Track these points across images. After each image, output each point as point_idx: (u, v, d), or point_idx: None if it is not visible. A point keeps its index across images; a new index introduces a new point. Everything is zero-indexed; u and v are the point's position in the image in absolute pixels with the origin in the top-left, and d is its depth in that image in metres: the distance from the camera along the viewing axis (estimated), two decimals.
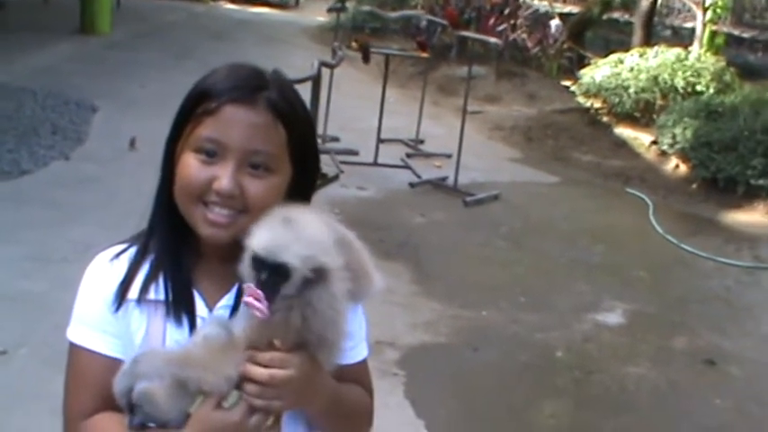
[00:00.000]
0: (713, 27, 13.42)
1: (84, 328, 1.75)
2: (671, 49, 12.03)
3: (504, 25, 14.74)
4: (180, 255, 1.75)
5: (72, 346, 1.76)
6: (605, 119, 11.86)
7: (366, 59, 9.77)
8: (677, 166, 10.09)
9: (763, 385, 5.64)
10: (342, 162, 8.86)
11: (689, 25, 17.66)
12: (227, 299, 1.74)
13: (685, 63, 11.60)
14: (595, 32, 17.27)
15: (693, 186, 9.58)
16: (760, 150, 9.15)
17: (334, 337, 1.62)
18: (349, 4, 13.44)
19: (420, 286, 6.36)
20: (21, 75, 11.17)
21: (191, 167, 1.67)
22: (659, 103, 11.30)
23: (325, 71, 8.25)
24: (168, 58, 13.54)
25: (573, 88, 12.78)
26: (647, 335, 6.11)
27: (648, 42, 13.59)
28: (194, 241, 1.74)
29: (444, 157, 9.79)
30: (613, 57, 12.38)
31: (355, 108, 10.73)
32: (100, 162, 8.30)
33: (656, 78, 11.34)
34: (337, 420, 1.81)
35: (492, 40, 10.63)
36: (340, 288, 1.60)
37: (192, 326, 1.71)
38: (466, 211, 8.35)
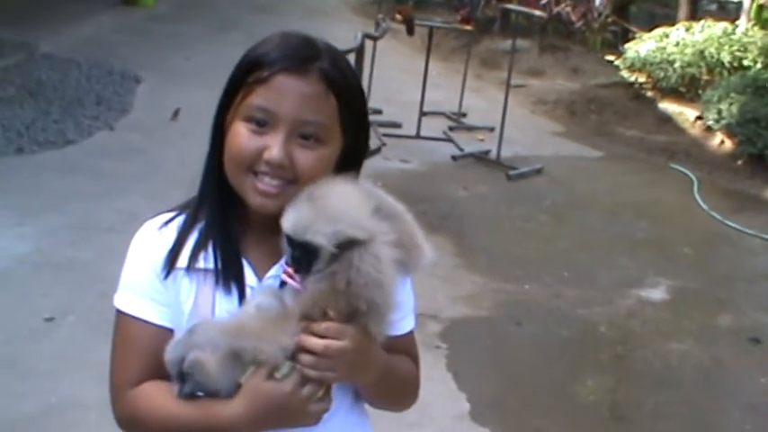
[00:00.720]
0: (761, 1, 13.16)
1: (133, 295, 1.75)
2: (717, 24, 11.82)
3: None
4: (229, 224, 1.74)
5: (119, 313, 1.77)
6: (649, 94, 11.72)
7: (410, 32, 9.72)
8: (722, 141, 9.96)
9: None
10: (384, 135, 8.85)
11: None
12: (276, 269, 1.73)
13: (732, 37, 11.39)
14: (640, 6, 17.03)
15: (739, 163, 9.45)
16: None
17: (384, 302, 1.61)
18: None
19: (462, 259, 6.35)
20: (66, 45, 11.24)
21: (241, 137, 1.66)
22: (705, 77, 11.13)
23: (368, 43, 8.23)
24: (212, 30, 13.55)
25: (617, 63, 12.62)
26: (691, 311, 6.07)
27: (694, 16, 13.39)
28: (243, 211, 1.74)
29: (487, 130, 9.74)
30: (658, 31, 12.19)
31: (398, 81, 10.69)
32: (144, 132, 8.36)
33: (702, 53, 11.16)
34: (386, 391, 1.83)
35: (536, 12, 10.54)
36: (386, 253, 1.60)
37: (242, 295, 1.71)
38: (509, 185, 8.32)
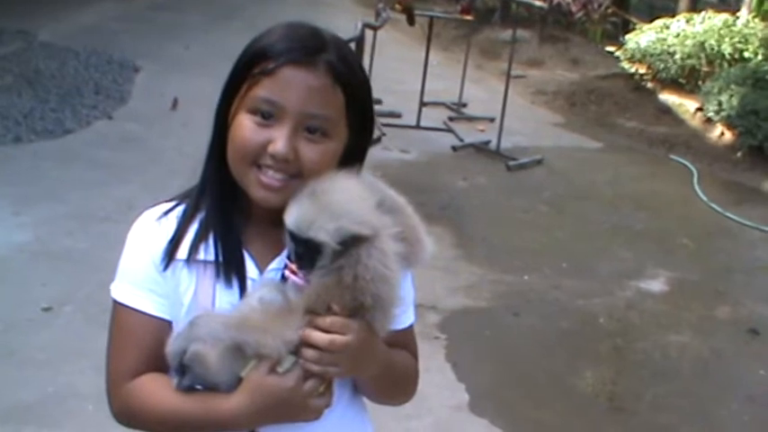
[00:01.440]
0: None
1: (131, 287, 1.73)
2: (718, 15, 11.79)
3: None
4: (231, 215, 1.72)
5: (117, 304, 1.74)
6: (650, 85, 11.70)
7: (411, 21, 9.68)
8: (722, 133, 9.94)
9: None
10: (384, 125, 8.82)
11: None
12: (277, 261, 1.71)
13: (732, 29, 11.36)
14: None
15: (739, 154, 9.43)
16: None
17: (388, 297, 1.60)
18: None
19: (461, 250, 6.34)
20: (64, 34, 11.19)
21: (245, 129, 1.63)
22: (705, 69, 11.10)
23: (369, 33, 8.20)
24: (212, 19, 13.52)
25: (617, 54, 12.58)
26: (690, 303, 6.06)
27: (695, 8, 13.35)
28: (245, 203, 1.71)
29: (487, 120, 9.72)
30: (659, 22, 12.14)
31: (398, 71, 10.65)
32: (142, 122, 8.34)
33: (702, 44, 11.12)
34: (386, 386, 1.82)
35: (537, 3, 10.50)
36: (391, 247, 1.58)
37: (243, 288, 1.69)
38: (508, 176, 8.30)
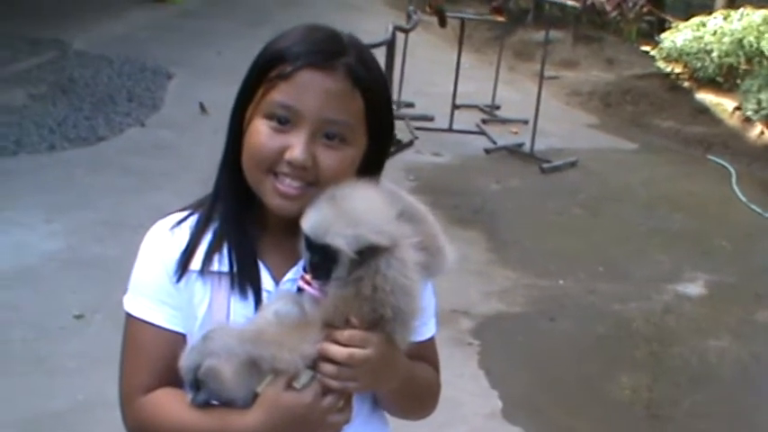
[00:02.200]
0: None
1: (144, 299, 1.69)
2: (757, 11, 11.59)
3: None
4: (245, 224, 1.67)
5: (129, 317, 1.70)
6: (686, 84, 11.54)
7: (443, 23, 9.62)
8: (762, 132, 9.77)
9: None
10: (417, 128, 8.78)
11: None
12: (293, 272, 1.66)
13: None
14: None
15: None
16: None
17: (409, 309, 1.54)
18: None
19: (495, 254, 6.26)
20: (98, 43, 11.26)
21: (261, 135, 1.58)
22: (743, 67, 10.93)
23: (400, 36, 8.15)
24: (242, 25, 13.53)
25: (652, 53, 12.44)
26: (729, 307, 5.94)
27: (732, 5, 13.17)
28: (260, 211, 1.66)
29: (521, 122, 9.63)
30: (695, 20, 11.98)
31: (430, 73, 10.59)
32: (175, 129, 8.35)
33: (740, 42, 10.95)
34: (407, 400, 1.76)
35: (570, 2, 10.39)
36: (411, 257, 1.52)
37: (258, 300, 1.64)
38: (543, 178, 8.21)
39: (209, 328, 1.60)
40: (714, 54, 11.02)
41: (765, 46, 10.82)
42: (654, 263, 6.54)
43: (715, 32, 11.28)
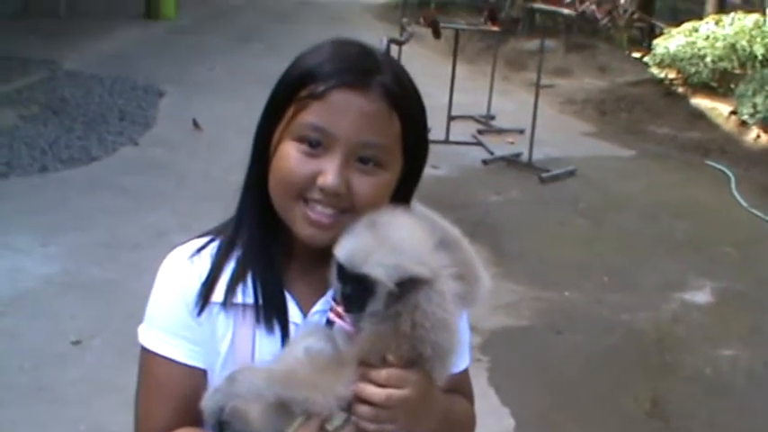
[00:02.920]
0: None
1: (161, 333, 1.56)
2: (748, 16, 11.57)
3: None
4: (270, 252, 1.55)
5: (146, 352, 1.58)
6: (681, 90, 11.51)
7: (437, 35, 9.55)
8: (758, 136, 9.74)
9: None
10: None
11: None
12: (321, 303, 1.55)
13: (764, 29, 11.15)
14: (664, 2, 16.80)
15: None
16: None
17: (448, 344, 1.43)
18: None
19: (499, 267, 6.15)
20: (89, 62, 11.19)
21: (292, 159, 1.45)
22: (737, 71, 10.90)
23: (393, 49, 8.07)
24: (234, 41, 13.49)
25: (646, 59, 12.43)
26: (738, 314, 5.86)
27: (722, 9, 13.15)
28: (285, 238, 1.54)
29: (517, 132, 9.57)
30: (687, 25, 11.96)
31: (424, 85, 10.13)
32: (168, 146, 8.26)
33: (733, 46, 10.93)
34: None
35: (565, 11, 10.34)
36: (450, 289, 1.41)
37: (285, 333, 1.52)
38: (542, 188, 8.14)
39: (232, 364, 1.50)
40: (708, 59, 10.99)
41: (758, 50, 10.80)
42: (659, 271, 6.45)
43: (708, 37, 11.26)
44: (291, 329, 1.53)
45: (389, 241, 1.37)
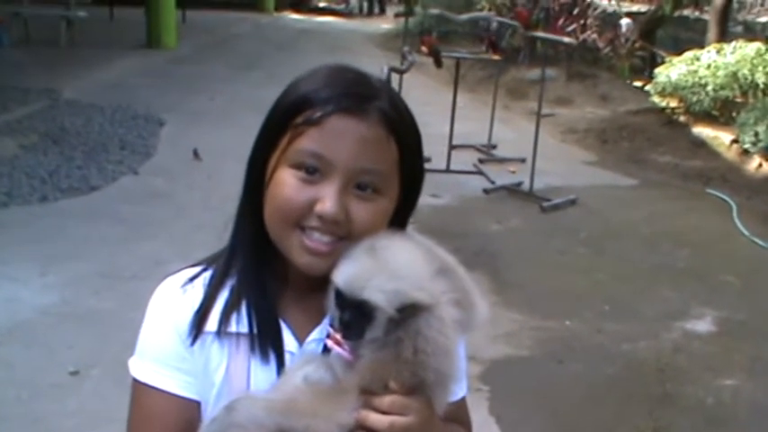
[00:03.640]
0: None
1: (153, 364, 1.54)
2: (750, 44, 11.58)
3: (574, 26, 14.45)
4: (265, 280, 1.53)
5: (137, 384, 1.56)
6: (682, 118, 11.50)
7: (438, 63, 9.56)
8: (760, 165, 9.71)
9: None
10: None
11: (762, 20, 17.17)
12: (317, 331, 1.53)
13: (766, 57, 11.15)
14: (665, 31, 16.86)
15: None
16: None
17: (449, 370, 1.41)
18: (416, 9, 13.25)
19: (499, 296, 6.12)
20: (89, 91, 11.22)
21: (288, 186, 1.44)
22: (739, 100, 10.90)
23: (394, 77, 8.08)
24: (234, 70, 13.52)
25: (647, 88, 12.43)
26: (740, 344, 5.80)
27: (723, 38, 13.17)
28: (279, 266, 1.53)
29: (518, 161, 9.56)
30: (689, 54, 11.97)
31: (425, 114, 10.39)
32: (168, 176, 8.25)
33: (735, 75, 10.92)
34: None
35: (566, 39, 10.36)
36: (449, 315, 1.40)
37: (281, 362, 1.50)
38: (543, 217, 8.11)
39: (227, 394, 1.47)
40: (709, 87, 10.99)
41: (760, 78, 10.80)
42: (660, 300, 6.41)
43: (709, 66, 11.26)
44: (287, 358, 1.51)
45: (389, 266, 1.36)
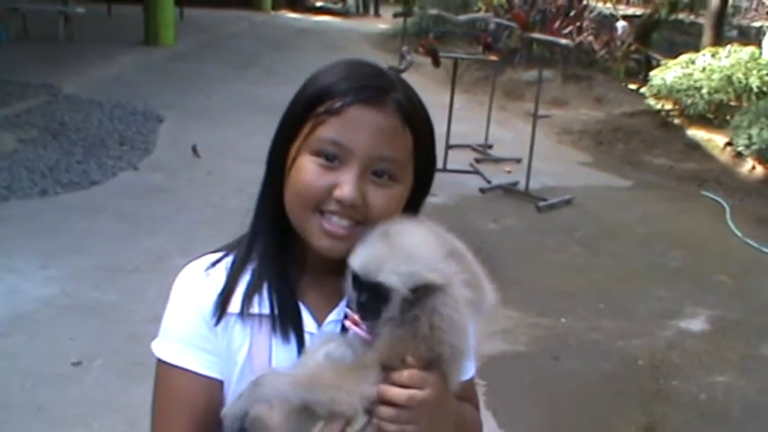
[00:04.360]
0: None
1: (178, 344, 1.60)
2: (744, 48, 11.68)
3: (570, 28, 14.53)
4: (285, 264, 1.60)
5: (162, 364, 1.61)
6: (677, 121, 11.58)
7: (436, 63, 9.63)
8: (754, 167, 9.80)
9: None
10: None
11: (757, 24, 17.28)
12: (335, 313, 1.60)
13: (760, 62, 11.26)
14: (660, 34, 16.95)
15: None
16: None
17: (463, 346, 1.48)
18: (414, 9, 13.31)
19: (496, 294, 6.18)
20: (88, 87, 11.26)
21: (309, 173, 1.51)
22: (733, 103, 10.99)
23: None
24: (232, 68, 13.56)
25: (642, 90, 12.51)
26: (732, 342, 5.88)
27: (718, 42, 13.27)
28: (298, 251, 1.60)
29: (514, 161, 9.63)
30: (684, 57, 12.06)
31: None
32: (168, 172, 8.30)
33: (729, 78, 11.01)
34: None
35: (563, 41, 10.42)
36: (462, 294, 1.47)
37: (301, 343, 1.57)
38: (539, 217, 8.19)
39: (249, 374, 1.53)
40: (704, 91, 11.07)
41: (754, 82, 10.89)
42: (655, 299, 6.49)
43: (704, 69, 11.35)
44: (307, 339, 1.57)
45: (403, 250, 1.43)
